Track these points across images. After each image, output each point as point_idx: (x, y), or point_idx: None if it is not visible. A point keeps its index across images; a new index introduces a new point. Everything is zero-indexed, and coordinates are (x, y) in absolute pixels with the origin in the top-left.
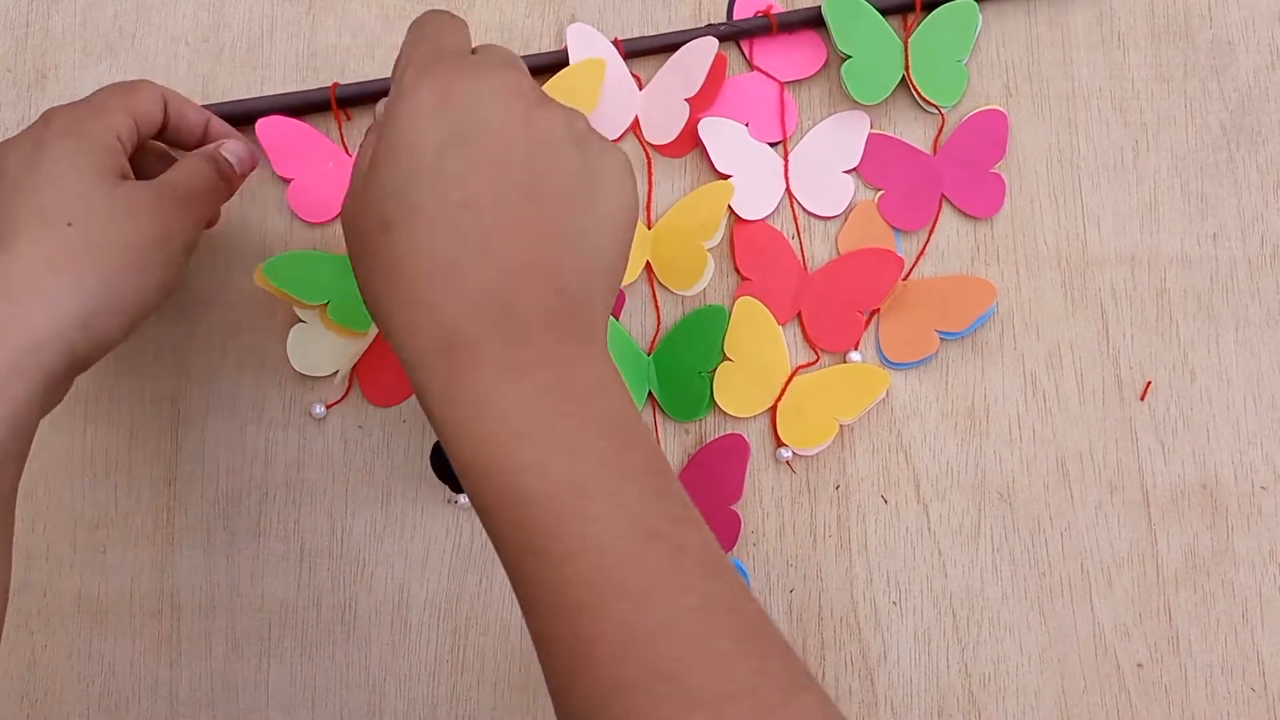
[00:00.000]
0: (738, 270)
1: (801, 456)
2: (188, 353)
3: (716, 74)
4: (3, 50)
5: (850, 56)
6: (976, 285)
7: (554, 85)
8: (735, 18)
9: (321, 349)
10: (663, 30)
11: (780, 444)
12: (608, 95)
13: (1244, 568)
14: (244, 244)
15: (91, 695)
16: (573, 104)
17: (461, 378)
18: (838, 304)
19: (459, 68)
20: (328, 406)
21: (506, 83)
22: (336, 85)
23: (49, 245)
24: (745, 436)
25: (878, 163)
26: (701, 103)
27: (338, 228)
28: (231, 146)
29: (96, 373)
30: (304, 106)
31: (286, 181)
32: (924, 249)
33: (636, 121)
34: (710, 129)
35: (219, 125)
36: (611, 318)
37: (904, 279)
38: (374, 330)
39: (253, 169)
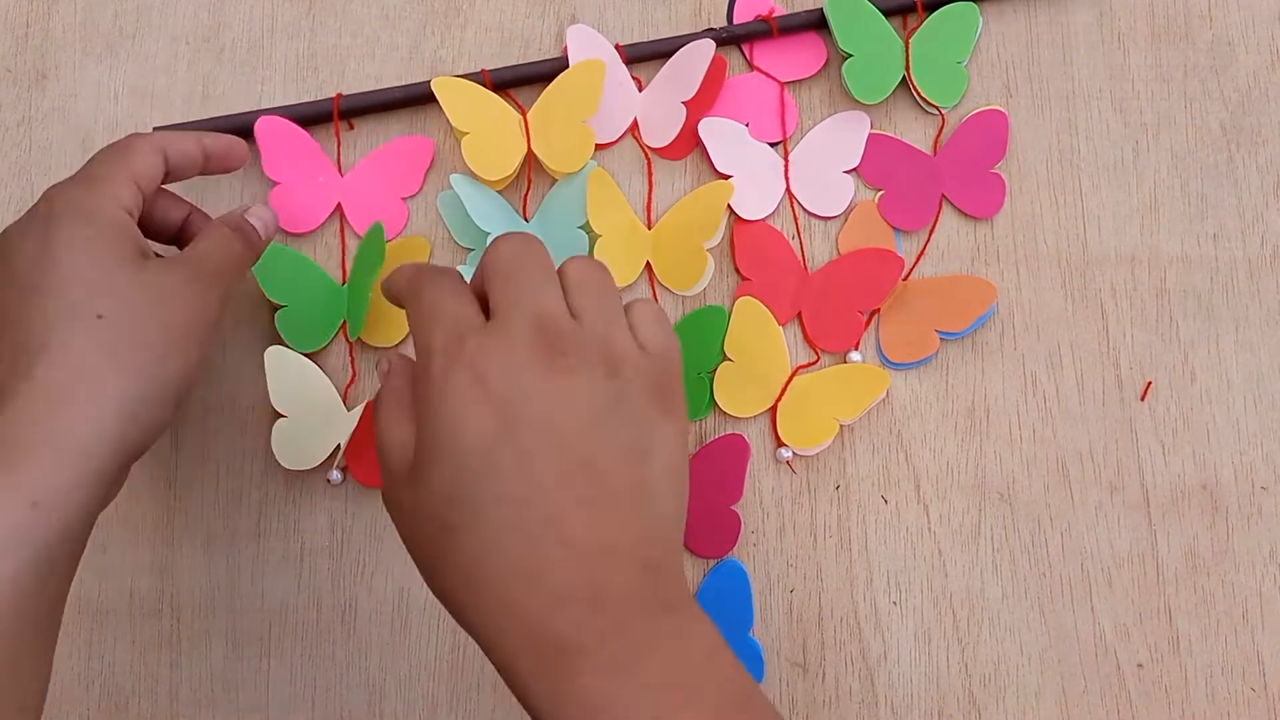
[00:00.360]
0: (738, 270)
1: (801, 456)
2: None
3: (715, 76)
4: (3, 50)
5: (851, 55)
6: (976, 285)
7: (554, 88)
8: (735, 19)
9: (306, 441)
10: (662, 30)
11: (780, 444)
12: (608, 97)
13: (1244, 568)
14: None
15: (91, 695)
16: (573, 106)
17: (566, 682)
18: (838, 304)
19: (485, 348)
20: (341, 470)
21: (536, 352)
22: (340, 96)
23: (81, 343)
24: (745, 436)
25: (878, 163)
26: (700, 105)
27: (318, 241)
28: (258, 212)
29: None
30: (304, 119)
31: (274, 184)
32: (924, 249)
33: (635, 124)
34: (710, 129)
35: (214, 142)
36: None
37: (904, 279)
38: (356, 413)
39: (276, 233)
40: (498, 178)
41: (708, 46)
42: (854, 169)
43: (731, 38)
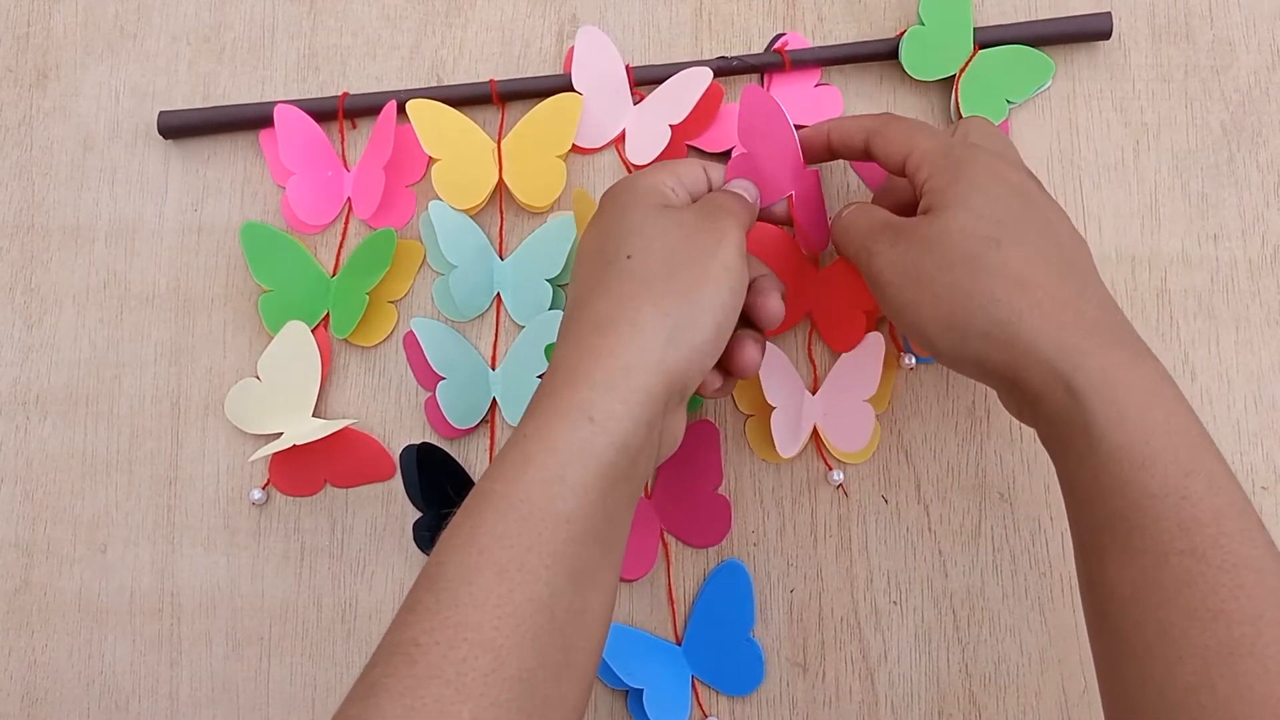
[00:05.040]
0: None
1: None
2: (188, 353)
3: (708, 104)
4: (3, 50)
5: (923, 25)
6: None
7: (530, 120)
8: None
9: (260, 408)
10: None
11: (830, 467)
12: (602, 103)
13: None
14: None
15: (91, 694)
16: (548, 139)
17: (1122, 368)
18: (843, 303)
19: (990, 152)
20: (263, 488)
21: (1022, 168)
22: (346, 94)
23: (618, 282)
24: (713, 422)
25: (878, 169)
26: (689, 130)
27: (325, 237)
28: (739, 184)
29: (96, 372)
30: (311, 114)
31: (289, 174)
32: None
33: (623, 134)
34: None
35: (716, 174)
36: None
37: None
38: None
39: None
40: (466, 206)
41: (704, 75)
42: (871, 397)
43: (744, 67)
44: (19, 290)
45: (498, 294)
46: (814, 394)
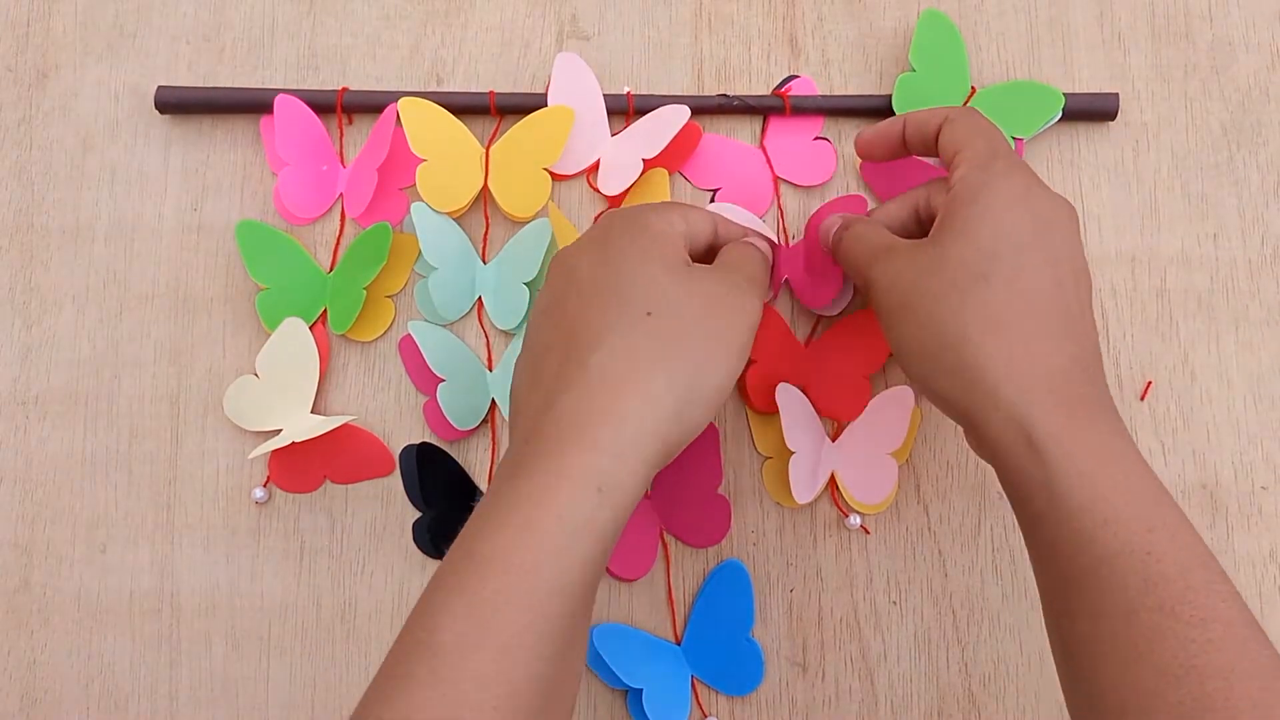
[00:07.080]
0: None
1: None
2: (187, 352)
3: (685, 141)
4: (3, 50)
5: (914, 70)
6: None
7: (520, 129)
8: (790, 93)
9: (259, 405)
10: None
11: (846, 514)
12: (579, 130)
13: (1244, 568)
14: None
15: (91, 694)
16: (537, 149)
17: (1082, 425)
18: (838, 373)
19: (1033, 174)
20: (264, 485)
21: (1058, 198)
22: (345, 90)
23: (634, 338)
24: (713, 422)
25: (883, 174)
26: (663, 164)
27: (317, 230)
28: (755, 239)
29: (96, 373)
30: (309, 105)
31: (284, 164)
32: None
33: (597, 164)
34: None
35: (726, 229)
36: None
37: None
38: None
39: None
40: (449, 209)
41: (682, 112)
42: (895, 449)
43: (744, 108)
44: (19, 290)
45: (479, 297)
46: (834, 441)
